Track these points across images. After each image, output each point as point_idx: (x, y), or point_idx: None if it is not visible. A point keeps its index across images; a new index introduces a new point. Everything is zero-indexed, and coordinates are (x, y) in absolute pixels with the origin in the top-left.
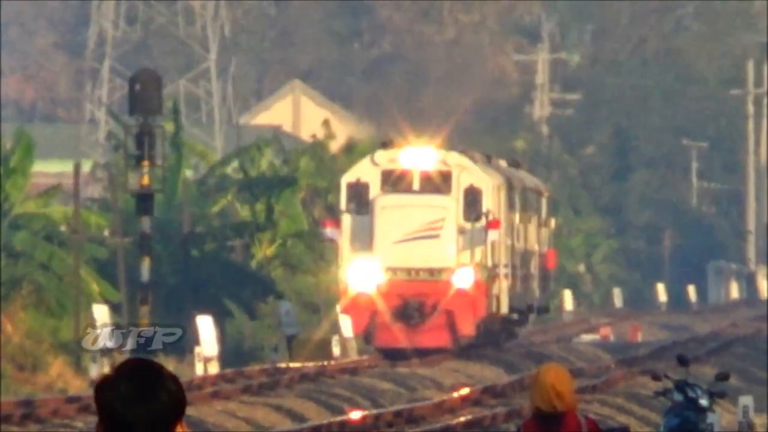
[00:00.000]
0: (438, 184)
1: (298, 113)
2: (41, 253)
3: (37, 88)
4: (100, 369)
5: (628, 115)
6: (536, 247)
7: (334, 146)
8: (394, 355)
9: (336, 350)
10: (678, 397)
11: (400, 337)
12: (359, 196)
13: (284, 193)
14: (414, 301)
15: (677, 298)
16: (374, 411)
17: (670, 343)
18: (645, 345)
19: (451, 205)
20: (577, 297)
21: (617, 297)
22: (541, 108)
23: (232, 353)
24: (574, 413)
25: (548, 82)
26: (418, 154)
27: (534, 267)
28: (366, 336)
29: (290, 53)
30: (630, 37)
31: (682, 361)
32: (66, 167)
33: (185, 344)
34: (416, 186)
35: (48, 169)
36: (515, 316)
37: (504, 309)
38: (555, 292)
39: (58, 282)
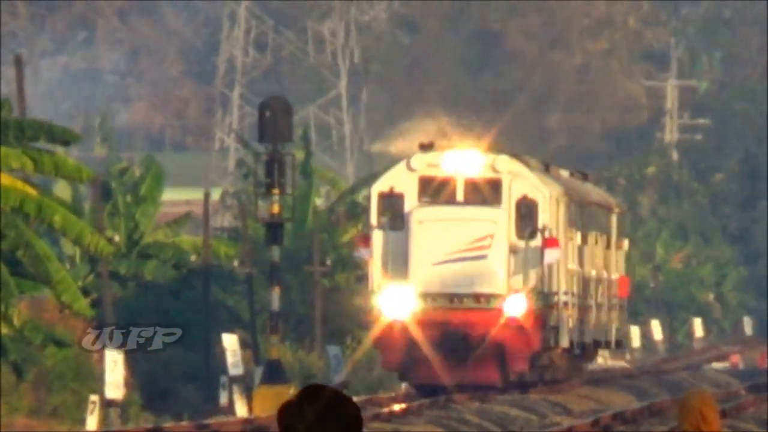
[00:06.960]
0: (485, 193)
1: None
2: (171, 282)
3: (166, 115)
4: (228, 396)
5: (757, 141)
6: (604, 273)
7: None
8: (433, 393)
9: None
10: None
11: (441, 373)
12: (393, 208)
13: None
14: (457, 332)
15: None
16: None
17: None
18: None
19: (501, 218)
20: (707, 325)
21: (747, 325)
22: (670, 133)
23: (362, 381)
24: None
25: (677, 107)
26: (463, 158)
27: (602, 295)
28: (401, 372)
29: (422, 82)
30: (759, 63)
31: None
32: (196, 195)
33: (318, 373)
34: (460, 196)
35: (177, 197)
36: (577, 351)
37: (564, 342)
38: (684, 320)
39: (188, 311)
